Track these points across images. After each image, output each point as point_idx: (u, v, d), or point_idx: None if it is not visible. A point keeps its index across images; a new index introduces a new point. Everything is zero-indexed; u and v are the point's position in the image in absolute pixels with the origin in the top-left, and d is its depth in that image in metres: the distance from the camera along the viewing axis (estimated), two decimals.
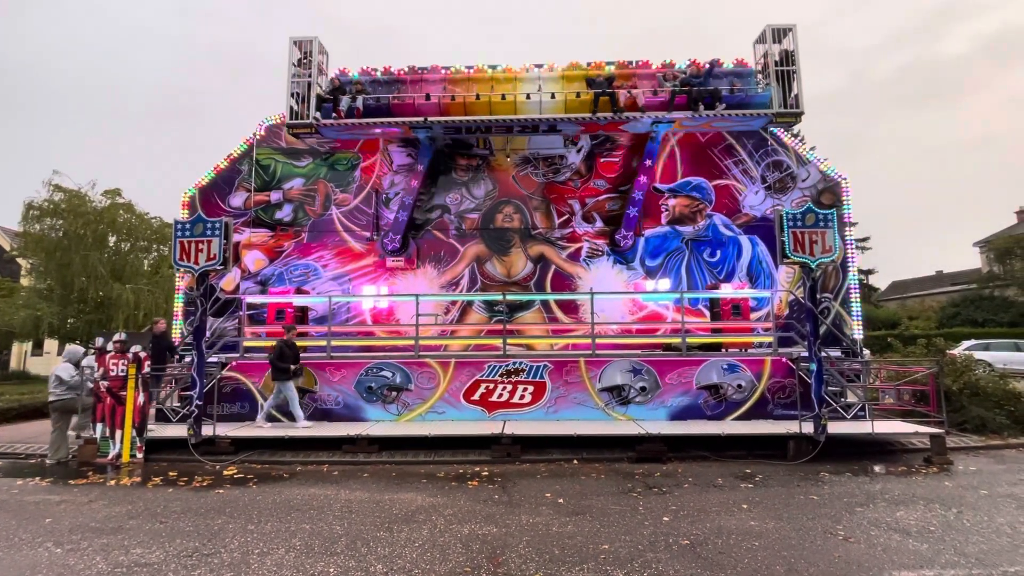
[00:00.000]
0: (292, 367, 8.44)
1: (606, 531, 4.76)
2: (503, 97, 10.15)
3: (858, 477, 6.59)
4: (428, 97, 10.20)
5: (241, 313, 10.40)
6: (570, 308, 11.26)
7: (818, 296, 9.86)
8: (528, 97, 10.14)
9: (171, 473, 6.99)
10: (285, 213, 11.62)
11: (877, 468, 7.06)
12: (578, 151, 11.62)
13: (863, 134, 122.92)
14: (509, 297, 10.90)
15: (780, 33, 10.00)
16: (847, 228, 11.00)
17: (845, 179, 11.25)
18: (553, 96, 10.14)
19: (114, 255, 21.24)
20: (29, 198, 19.98)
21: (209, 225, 7.94)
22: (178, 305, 11.22)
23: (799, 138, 11.35)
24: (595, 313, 9.60)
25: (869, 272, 39.22)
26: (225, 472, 6.99)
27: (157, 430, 8.25)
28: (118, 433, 7.75)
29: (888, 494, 5.85)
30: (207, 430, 7.91)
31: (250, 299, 10.64)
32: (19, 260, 25.19)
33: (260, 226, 11.55)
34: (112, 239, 21.57)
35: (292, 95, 10.05)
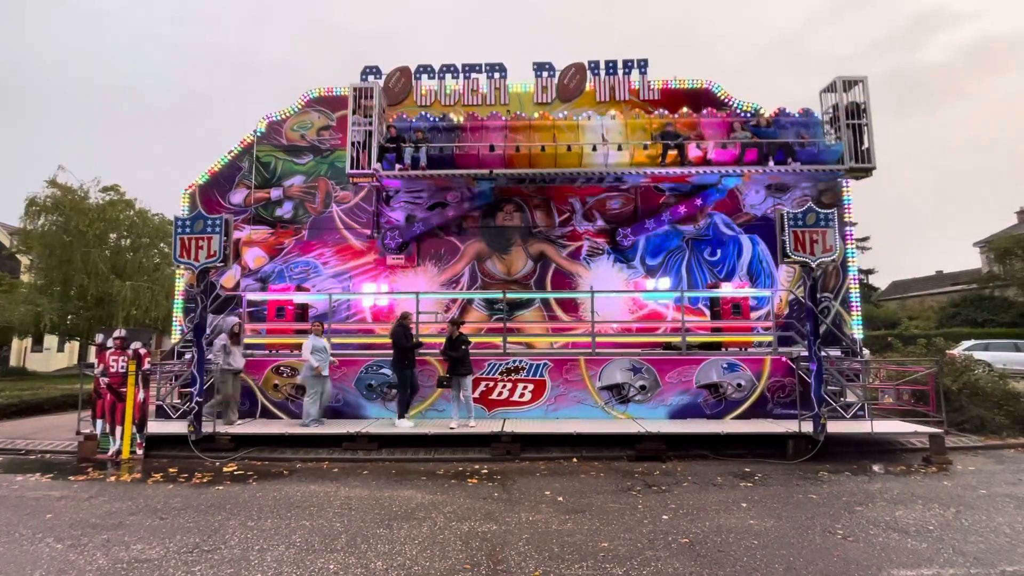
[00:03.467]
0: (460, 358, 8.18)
1: (605, 529, 4.76)
2: (568, 148, 10.06)
3: (857, 476, 6.59)
4: (492, 148, 10.10)
5: (241, 310, 10.41)
6: (570, 306, 11.27)
7: (818, 295, 9.88)
8: (594, 149, 10.03)
9: (171, 469, 6.99)
10: (285, 210, 11.62)
11: (876, 467, 7.07)
12: None
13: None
14: (509, 295, 10.90)
15: (849, 84, 9.92)
16: (848, 228, 11.00)
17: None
18: (620, 148, 10.04)
19: (115, 252, 21.26)
20: (32, 193, 20.02)
21: (209, 222, 7.91)
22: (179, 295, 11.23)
23: None
24: (595, 312, 9.61)
25: (869, 272, 39.23)
26: (225, 469, 6.99)
27: (157, 427, 8.24)
28: (118, 429, 7.76)
29: (887, 493, 5.85)
30: (207, 427, 7.92)
31: (250, 296, 10.65)
32: (19, 256, 25.20)
33: (260, 223, 11.55)
34: (113, 236, 21.59)
35: (352, 144, 9.90)
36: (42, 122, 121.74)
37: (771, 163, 9.81)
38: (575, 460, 7.40)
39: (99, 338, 8.28)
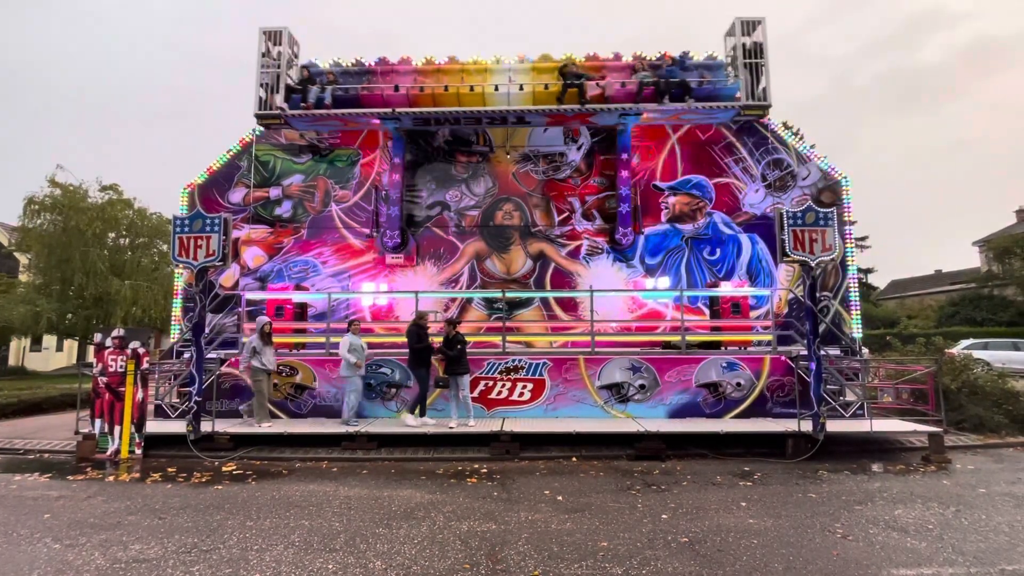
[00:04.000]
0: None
1: (605, 528, 4.76)
2: (471, 88, 10.09)
3: (856, 475, 6.60)
4: (397, 88, 10.11)
5: (240, 309, 10.40)
6: (569, 306, 11.25)
7: (817, 295, 9.87)
8: (496, 88, 10.10)
9: (170, 469, 6.98)
10: (284, 209, 11.59)
11: (875, 466, 7.07)
12: (579, 148, 11.59)
13: (848, 137, 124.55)
14: (508, 294, 10.89)
15: (750, 26, 10.07)
16: (847, 227, 10.99)
17: (846, 178, 11.23)
18: (521, 88, 10.12)
19: (114, 251, 21.24)
20: (30, 193, 19.98)
21: (208, 221, 7.90)
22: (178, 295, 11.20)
23: (798, 136, 11.31)
24: (594, 311, 9.60)
25: (868, 271, 39.26)
26: (224, 468, 6.99)
27: (156, 426, 8.23)
28: (117, 429, 7.75)
29: (886, 492, 5.85)
30: (206, 426, 7.90)
31: (249, 295, 10.63)
32: (17, 255, 25.17)
33: (259, 222, 11.52)
34: (111, 235, 21.56)
35: (261, 85, 10.10)
36: (42, 122, 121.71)
37: (667, 100, 9.82)
38: (574, 459, 7.39)
39: (98, 337, 8.28)
